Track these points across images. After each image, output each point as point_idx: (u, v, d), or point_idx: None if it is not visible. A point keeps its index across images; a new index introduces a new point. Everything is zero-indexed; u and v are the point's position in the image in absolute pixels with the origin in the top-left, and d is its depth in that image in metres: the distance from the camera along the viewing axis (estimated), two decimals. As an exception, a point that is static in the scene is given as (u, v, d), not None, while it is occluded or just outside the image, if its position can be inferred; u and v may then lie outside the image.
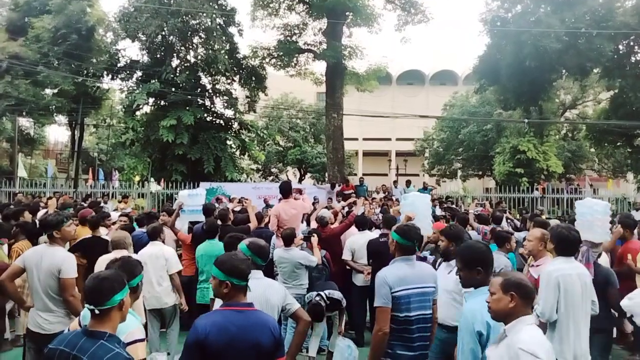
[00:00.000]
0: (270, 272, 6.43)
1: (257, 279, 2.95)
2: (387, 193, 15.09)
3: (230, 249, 3.67)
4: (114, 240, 4.80)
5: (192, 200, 6.98)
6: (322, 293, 4.74)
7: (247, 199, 8.35)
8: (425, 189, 15.68)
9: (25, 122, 24.27)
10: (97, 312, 2.09)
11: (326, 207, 10.42)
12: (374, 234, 6.39)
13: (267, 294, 3.02)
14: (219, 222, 6.21)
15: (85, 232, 6.00)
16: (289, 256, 5.19)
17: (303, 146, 30.44)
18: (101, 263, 4.53)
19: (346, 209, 8.39)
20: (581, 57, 17.28)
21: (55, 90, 19.76)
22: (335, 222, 7.01)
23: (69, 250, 4.47)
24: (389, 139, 41.23)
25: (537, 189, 18.08)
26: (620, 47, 18.29)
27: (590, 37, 17.06)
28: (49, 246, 3.98)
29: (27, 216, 7.09)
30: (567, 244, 3.56)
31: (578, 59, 17.33)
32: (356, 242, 6.14)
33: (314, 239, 5.66)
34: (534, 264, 4.15)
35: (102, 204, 9.27)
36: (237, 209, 8.54)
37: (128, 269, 2.63)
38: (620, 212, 15.25)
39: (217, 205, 11.68)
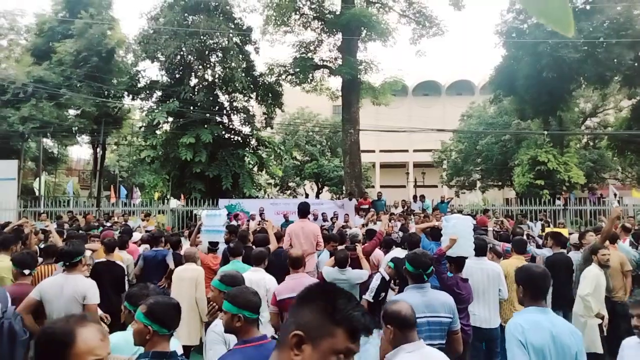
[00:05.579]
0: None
1: None
2: (406, 207, 14.96)
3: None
4: (187, 253, 5.59)
5: (210, 220, 6.85)
6: None
7: (267, 220, 8.44)
8: (442, 202, 15.49)
9: (49, 142, 24.88)
10: None
11: (345, 225, 10.48)
12: (399, 252, 6.32)
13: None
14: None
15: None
16: (346, 277, 5.23)
17: (320, 160, 30.52)
18: (179, 273, 5.42)
19: (369, 224, 8.41)
20: (600, 66, 17.08)
21: (78, 112, 20.24)
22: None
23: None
24: (406, 151, 41.06)
25: (558, 199, 17.72)
26: (641, 54, 17.99)
27: (609, 45, 16.85)
28: (68, 274, 4.01)
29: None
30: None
31: (597, 68, 17.14)
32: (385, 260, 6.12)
33: (359, 249, 5.72)
34: None
35: (133, 232, 9.30)
36: (259, 228, 8.61)
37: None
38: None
39: (234, 222, 11.84)
